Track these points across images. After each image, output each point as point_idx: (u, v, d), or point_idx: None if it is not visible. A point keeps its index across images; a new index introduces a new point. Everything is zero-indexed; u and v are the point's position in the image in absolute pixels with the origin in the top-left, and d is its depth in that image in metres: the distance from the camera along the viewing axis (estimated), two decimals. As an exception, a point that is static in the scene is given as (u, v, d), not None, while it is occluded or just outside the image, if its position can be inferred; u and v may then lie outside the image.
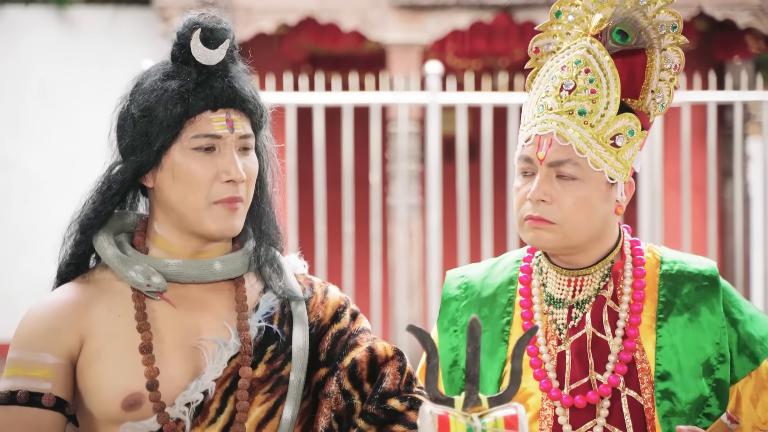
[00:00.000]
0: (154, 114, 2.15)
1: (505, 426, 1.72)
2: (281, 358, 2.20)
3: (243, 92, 2.18)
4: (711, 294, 2.32)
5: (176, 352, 2.16)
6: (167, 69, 2.19)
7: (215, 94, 2.15)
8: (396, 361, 2.23)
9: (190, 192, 2.15)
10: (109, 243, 2.20)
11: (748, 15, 9.03)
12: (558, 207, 2.27)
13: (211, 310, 2.20)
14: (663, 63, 2.32)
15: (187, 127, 2.15)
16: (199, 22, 2.17)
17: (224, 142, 2.16)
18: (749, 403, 2.31)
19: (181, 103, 2.14)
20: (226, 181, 2.15)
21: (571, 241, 2.29)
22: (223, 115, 2.16)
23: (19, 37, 10.70)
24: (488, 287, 2.42)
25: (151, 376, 2.12)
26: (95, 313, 2.17)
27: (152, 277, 2.16)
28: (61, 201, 10.66)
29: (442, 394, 1.75)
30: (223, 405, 2.15)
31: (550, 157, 2.27)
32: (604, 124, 2.26)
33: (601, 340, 2.31)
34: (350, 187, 7.06)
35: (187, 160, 2.15)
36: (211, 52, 2.16)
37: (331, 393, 2.21)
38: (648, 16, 2.31)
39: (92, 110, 10.74)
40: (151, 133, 2.15)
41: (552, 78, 2.30)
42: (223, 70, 2.17)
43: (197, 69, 2.16)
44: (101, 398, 2.12)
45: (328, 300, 2.28)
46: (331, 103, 7.09)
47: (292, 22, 8.96)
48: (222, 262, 2.21)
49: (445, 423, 1.71)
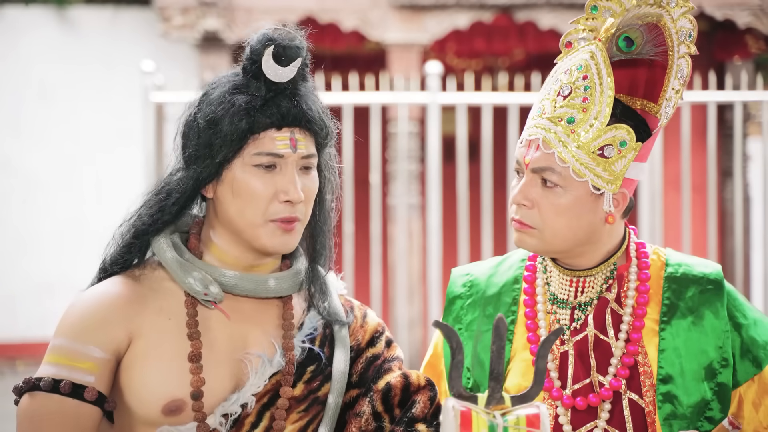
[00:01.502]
0: (219, 126, 2.14)
1: (527, 424, 1.73)
2: (319, 379, 2.21)
3: (309, 112, 2.17)
4: (715, 298, 2.32)
5: (223, 363, 2.16)
6: (237, 81, 2.17)
7: (282, 113, 2.15)
8: (428, 390, 2.25)
9: (248, 208, 2.15)
10: (168, 245, 2.19)
11: (748, 15, 9.04)
12: (538, 212, 2.27)
13: (258, 325, 2.20)
14: (677, 72, 2.31)
15: (251, 143, 2.14)
16: (273, 38, 2.16)
17: (286, 162, 2.15)
18: (751, 408, 2.30)
19: (246, 118, 2.13)
20: (284, 201, 2.15)
21: (553, 247, 2.29)
22: (287, 134, 2.15)
23: (19, 37, 10.70)
24: (493, 286, 2.42)
25: (197, 386, 2.12)
26: (146, 313, 2.16)
27: (210, 286, 2.16)
28: (61, 201, 10.69)
29: (466, 390, 1.76)
30: (258, 419, 2.15)
31: (534, 162, 2.26)
32: (592, 134, 2.24)
33: (604, 342, 2.31)
34: (350, 187, 7.06)
35: (247, 176, 2.15)
36: (282, 69, 2.15)
37: (363, 413, 2.22)
38: (674, 18, 2.28)
39: (92, 110, 10.74)
40: (215, 145, 2.14)
41: (555, 81, 2.29)
42: (292, 89, 2.17)
43: (266, 85, 2.15)
44: (143, 400, 2.12)
45: (367, 324, 2.30)
46: (331, 103, 7.09)
47: (292, 22, 8.96)
48: (276, 280, 2.21)
49: (467, 419, 1.72)
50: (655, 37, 2.30)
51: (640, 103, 2.33)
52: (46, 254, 10.72)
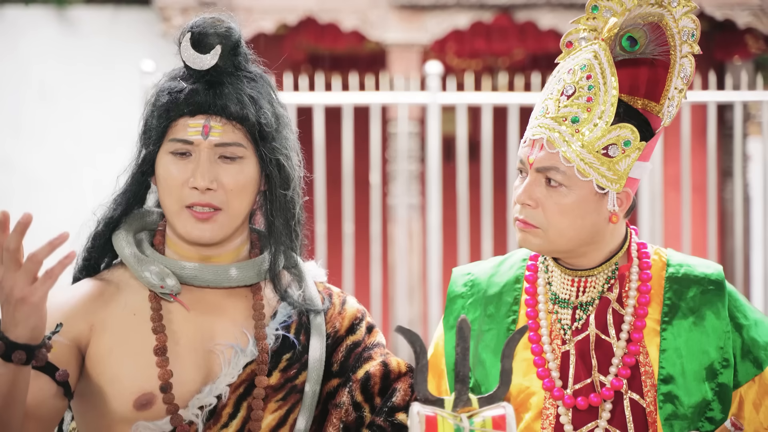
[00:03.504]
0: (152, 115, 2.18)
1: (493, 426, 1.72)
2: (296, 367, 2.21)
3: (229, 99, 2.16)
4: (716, 298, 2.32)
5: (189, 355, 2.16)
6: (175, 71, 2.21)
7: (197, 100, 2.15)
8: (408, 377, 2.24)
9: (166, 195, 2.18)
10: (128, 242, 2.21)
11: (748, 15, 9.03)
12: (543, 212, 2.27)
13: (227, 315, 2.21)
14: (679, 71, 2.30)
15: (170, 131, 2.17)
16: (193, 25, 2.18)
17: (198, 149, 2.16)
18: (752, 408, 2.30)
19: (166, 105, 2.16)
20: (191, 187, 2.15)
21: (557, 246, 2.29)
22: (200, 122, 2.15)
23: (19, 37, 10.70)
24: (494, 285, 2.42)
25: (164, 379, 2.13)
26: (110, 308, 2.17)
27: (167, 278, 2.17)
28: (61, 201, 10.68)
29: (432, 394, 1.75)
30: (236, 410, 2.16)
31: (538, 162, 2.26)
32: (596, 133, 2.24)
33: (605, 342, 2.31)
34: (350, 187, 7.06)
35: (165, 163, 2.17)
36: (201, 56, 2.16)
37: (342, 404, 2.22)
38: (676, 18, 2.29)
39: (92, 110, 10.74)
40: (147, 133, 2.19)
41: (558, 80, 2.29)
42: (216, 76, 2.16)
43: (189, 73, 2.17)
44: (115, 395, 2.12)
45: (345, 311, 2.29)
46: (331, 103, 7.08)
47: (292, 22, 8.96)
48: (238, 269, 2.21)
49: (432, 423, 1.72)
50: (658, 36, 2.30)
51: (642, 103, 2.32)
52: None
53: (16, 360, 1.94)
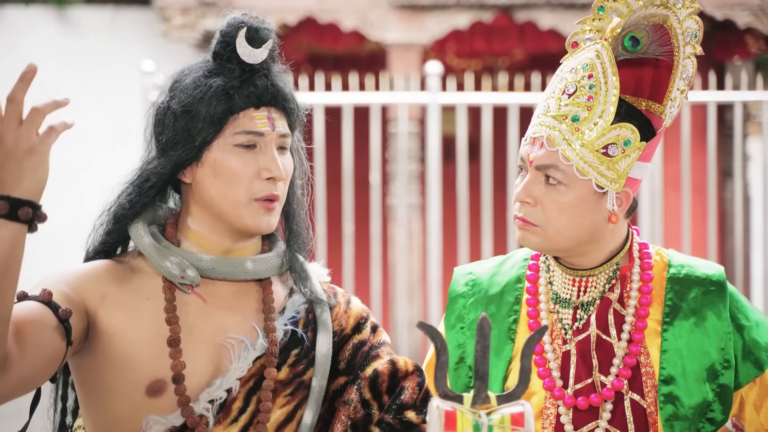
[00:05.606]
0: (197, 110, 2.18)
1: (511, 422, 1.73)
2: (304, 362, 2.23)
3: (284, 91, 2.22)
4: (718, 299, 2.32)
5: (201, 347, 2.18)
6: (209, 67, 2.22)
7: (259, 92, 2.19)
8: (416, 376, 2.25)
9: (231, 188, 2.18)
10: (146, 232, 2.22)
11: (748, 15, 9.04)
12: (542, 210, 2.27)
13: (238, 310, 2.22)
14: (682, 72, 2.31)
15: (230, 124, 2.18)
16: (244, 21, 2.21)
17: (265, 140, 2.19)
18: (752, 409, 2.30)
19: (225, 99, 2.17)
20: (266, 179, 2.18)
21: (556, 245, 2.29)
22: (265, 113, 2.20)
23: (19, 37, 10.70)
24: (496, 285, 2.42)
25: (177, 370, 2.14)
26: (124, 288, 2.18)
27: (187, 270, 2.19)
28: (61, 201, 10.68)
29: (451, 390, 1.76)
30: (245, 404, 2.17)
31: (538, 160, 2.27)
32: (596, 132, 2.24)
33: (606, 342, 2.31)
34: (350, 187, 7.06)
35: (228, 156, 2.18)
36: (255, 51, 2.20)
37: (351, 401, 2.23)
38: (680, 19, 2.29)
39: (92, 110, 10.75)
40: (194, 128, 2.18)
41: (560, 79, 2.29)
42: (265, 69, 2.22)
43: (240, 67, 2.20)
44: (127, 378, 2.13)
45: (350, 310, 2.31)
46: (331, 103, 7.09)
47: (292, 22, 8.96)
48: (254, 262, 2.23)
49: (451, 418, 1.73)
50: (661, 36, 2.30)
51: (645, 104, 2.33)
52: (46, 254, 10.72)
53: (23, 216, 1.90)
